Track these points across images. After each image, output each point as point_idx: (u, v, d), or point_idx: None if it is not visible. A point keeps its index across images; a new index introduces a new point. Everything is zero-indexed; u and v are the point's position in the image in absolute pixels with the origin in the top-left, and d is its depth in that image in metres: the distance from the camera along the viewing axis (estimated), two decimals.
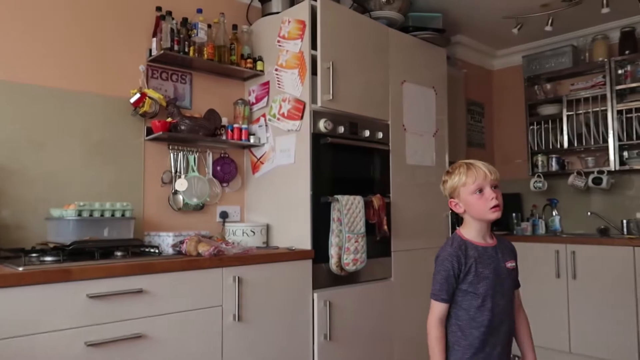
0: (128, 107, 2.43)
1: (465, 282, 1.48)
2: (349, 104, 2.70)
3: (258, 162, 2.83)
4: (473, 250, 1.50)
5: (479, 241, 1.53)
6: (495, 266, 1.50)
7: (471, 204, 1.51)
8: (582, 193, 3.92)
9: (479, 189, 1.49)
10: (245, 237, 2.58)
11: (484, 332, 1.47)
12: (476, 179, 1.49)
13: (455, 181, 1.53)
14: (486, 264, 1.50)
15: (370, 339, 2.68)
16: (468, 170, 1.51)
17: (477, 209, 1.50)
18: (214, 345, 2.06)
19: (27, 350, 1.60)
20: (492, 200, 1.48)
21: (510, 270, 1.55)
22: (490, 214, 1.49)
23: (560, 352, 3.41)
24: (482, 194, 1.49)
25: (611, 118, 3.61)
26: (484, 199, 1.49)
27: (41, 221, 2.15)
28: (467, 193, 1.51)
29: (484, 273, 1.48)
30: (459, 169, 1.53)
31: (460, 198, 1.53)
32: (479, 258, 1.49)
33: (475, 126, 4.33)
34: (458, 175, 1.52)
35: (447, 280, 1.48)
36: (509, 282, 1.54)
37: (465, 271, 1.48)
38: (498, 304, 1.49)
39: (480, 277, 1.47)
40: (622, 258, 3.15)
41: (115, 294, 1.79)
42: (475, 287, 1.47)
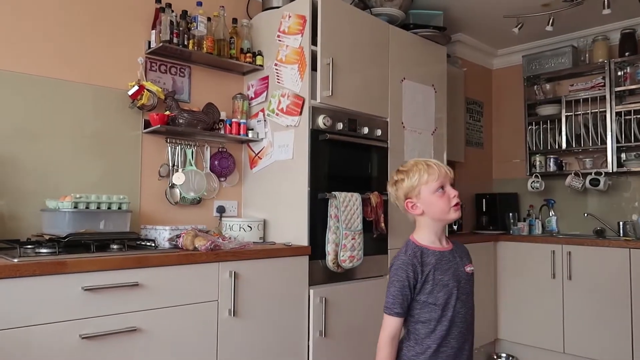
0: (126, 100, 2.42)
1: (424, 292, 1.37)
2: (348, 101, 2.69)
3: (256, 157, 2.82)
4: (430, 256, 1.41)
5: (435, 246, 1.44)
6: (454, 271, 1.41)
7: (432, 203, 1.42)
8: (579, 194, 3.92)
9: (440, 186, 1.42)
10: (242, 232, 2.57)
11: (444, 344, 1.37)
12: (438, 176, 1.42)
13: (415, 180, 1.43)
14: (445, 269, 1.40)
15: (366, 336, 2.68)
16: (428, 167, 1.43)
17: (439, 209, 1.41)
18: (209, 340, 2.06)
19: (21, 341, 1.59)
20: (455, 198, 1.42)
21: (469, 275, 1.45)
22: (452, 213, 1.42)
23: (554, 352, 3.42)
24: (444, 192, 1.42)
25: (610, 120, 3.62)
26: (446, 197, 1.41)
27: (36, 212, 2.14)
28: (428, 192, 1.42)
29: (443, 280, 1.38)
30: (417, 167, 1.44)
31: (420, 198, 1.43)
32: (437, 264, 1.40)
33: (474, 125, 4.33)
34: (418, 173, 1.42)
35: (401, 292, 1.37)
36: (468, 287, 1.44)
37: (423, 280, 1.37)
38: (459, 312, 1.39)
39: (440, 285, 1.37)
40: (618, 259, 3.16)
41: (111, 287, 1.78)
42: (434, 297, 1.37)
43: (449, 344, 1.37)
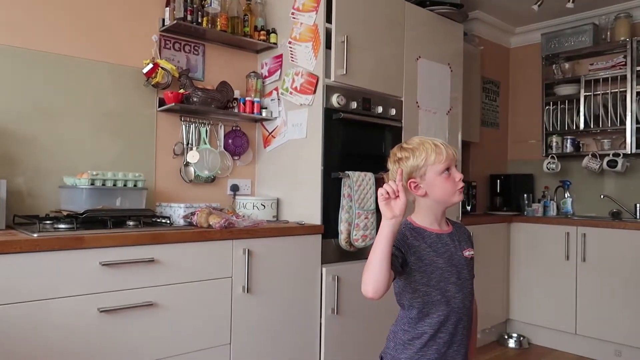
0: (140, 78, 2.43)
1: (419, 270, 1.32)
2: (362, 79, 2.67)
3: (270, 136, 2.82)
4: (426, 237, 1.36)
5: (433, 228, 1.39)
6: (450, 255, 1.36)
7: (436, 185, 1.35)
8: (596, 176, 3.87)
9: (446, 168, 1.35)
10: (255, 210, 2.59)
11: (440, 329, 1.33)
12: (446, 158, 1.35)
13: (422, 159, 1.35)
14: (440, 252, 1.35)
15: (377, 314, 2.71)
16: (436, 147, 1.35)
17: (443, 191, 1.36)
18: (223, 315, 2.09)
19: (41, 315, 1.64)
20: (460, 182, 1.36)
21: (468, 260, 1.40)
22: (456, 196, 1.36)
23: (566, 333, 3.43)
24: (449, 174, 1.36)
25: (630, 100, 3.54)
26: (451, 180, 1.35)
27: (54, 189, 2.17)
28: (434, 173, 1.35)
29: (437, 263, 1.33)
30: (424, 146, 1.36)
31: (424, 179, 1.36)
32: (433, 245, 1.35)
33: (489, 105, 4.27)
34: (425, 152, 1.35)
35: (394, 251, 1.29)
36: (466, 273, 1.38)
37: (417, 256, 1.32)
38: (455, 297, 1.34)
39: (434, 267, 1.33)
40: (634, 242, 3.13)
41: (128, 263, 1.82)
42: (428, 279, 1.32)
43: (446, 329, 1.34)
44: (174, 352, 1.94)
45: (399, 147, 1.42)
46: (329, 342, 2.46)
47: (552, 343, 3.53)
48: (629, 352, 3.16)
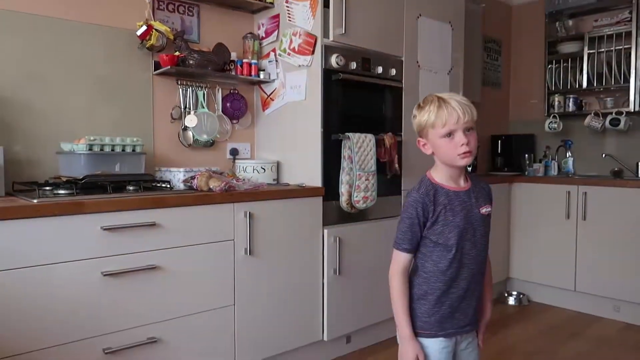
0: (134, 40, 2.37)
1: (434, 232, 1.34)
2: (361, 39, 2.61)
3: (268, 99, 2.78)
4: (443, 196, 1.35)
5: (450, 185, 1.38)
6: (466, 213, 1.35)
7: (439, 147, 1.34)
8: (597, 135, 3.84)
9: (449, 133, 1.31)
10: (255, 174, 2.58)
11: (453, 285, 1.35)
12: (446, 122, 1.30)
13: (424, 120, 1.34)
14: (456, 211, 1.34)
15: (379, 275, 2.74)
16: (439, 109, 1.31)
17: (445, 154, 1.33)
18: (226, 278, 2.11)
19: (45, 279, 1.65)
20: (462, 147, 1.30)
21: (484, 217, 1.39)
22: (459, 160, 1.32)
23: (565, 290, 3.47)
24: (452, 138, 1.31)
25: (635, 56, 3.47)
26: (454, 144, 1.31)
27: (52, 156, 2.16)
28: (435, 136, 1.33)
29: (454, 221, 1.33)
30: (430, 106, 1.33)
31: (429, 139, 1.36)
32: (449, 205, 1.34)
33: (491, 64, 4.20)
34: (427, 113, 1.33)
35: (410, 229, 1.35)
36: (482, 229, 1.38)
37: (433, 219, 1.33)
38: (469, 254, 1.35)
39: (451, 226, 1.33)
40: (634, 200, 3.13)
41: (129, 227, 1.82)
42: (445, 238, 1.33)
43: (459, 285, 1.35)
44: (179, 314, 1.97)
45: (416, 105, 1.41)
46: (331, 302, 2.50)
47: (551, 300, 3.58)
48: (627, 308, 3.21)
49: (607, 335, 3.02)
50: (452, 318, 1.37)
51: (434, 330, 1.36)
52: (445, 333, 1.37)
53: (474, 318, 1.42)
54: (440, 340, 1.37)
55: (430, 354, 1.37)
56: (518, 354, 2.71)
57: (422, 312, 1.37)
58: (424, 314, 1.37)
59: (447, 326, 1.37)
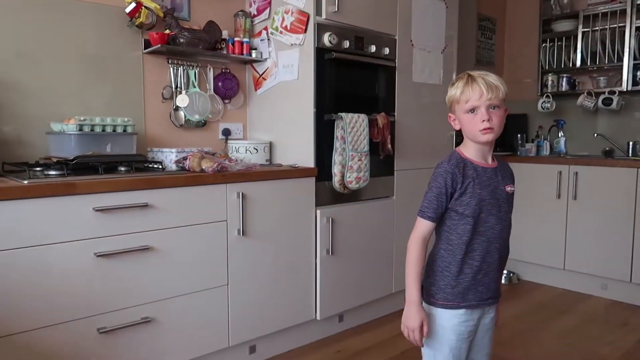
0: (124, 18, 2.33)
1: (461, 203, 1.37)
2: (355, 17, 2.58)
3: (260, 78, 2.75)
4: (472, 169, 1.39)
5: (479, 161, 1.42)
6: (493, 188, 1.40)
7: (463, 122, 1.40)
8: (590, 114, 3.85)
9: (471, 108, 1.36)
10: (248, 154, 2.57)
11: (476, 258, 1.39)
12: (470, 98, 1.35)
13: (452, 95, 1.41)
14: (484, 185, 1.39)
15: (371, 255, 2.76)
16: (465, 86, 1.37)
17: (469, 130, 1.39)
18: (219, 258, 2.12)
19: (38, 260, 1.65)
20: (483, 123, 1.35)
21: (509, 195, 1.44)
22: (480, 135, 1.36)
23: (554, 268, 3.53)
24: (475, 114, 1.36)
25: (629, 35, 3.46)
26: (476, 120, 1.36)
27: (42, 137, 2.13)
28: (460, 111, 1.39)
29: (481, 195, 1.37)
30: (458, 82, 1.40)
31: (456, 114, 1.42)
32: (477, 178, 1.38)
33: (485, 43, 4.17)
34: (455, 89, 1.39)
35: (437, 198, 1.37)
36: (506, 206, 1.43)
37: (461, 191, 1.37)
38: (494, 228, 1.40)
39: (478, 198, 1.37)
40: (625, 179, 3.15)
41: (122, 208, 1.82)
42: (472, 209, 1.37)
43: (483, 258, 1.39)
44: (173, 294, 1.99)
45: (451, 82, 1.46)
46: (324, 282, 2.52)
47: (541, 278, 3.64)
48: (615, 285, 3.27)
49: (594, 312, 3.08)
50: (474, 290, 1.40)
51: (457, 301, 1.40)
52: (468, 304, 1.40)
53: (497, 292, 1.46)
54: (462, 312, 1.40)
55: (448, 327, 1.40)
56: (508, 330, 2.77)
57: (446, 284, 1.40)
58: (447, 285, 1.40)
59: (470, 297, 1.40)
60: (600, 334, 2.74)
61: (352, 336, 2.67)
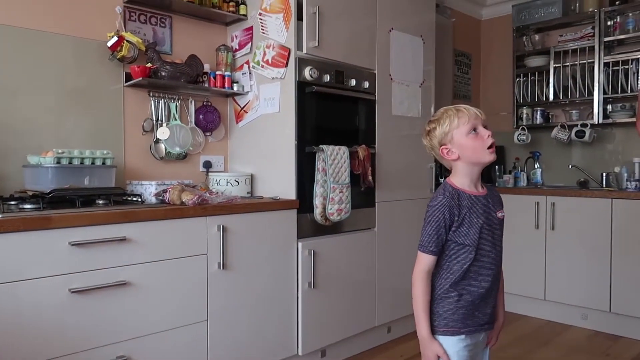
0: (105, 51, 2.33)
1: (459, 234, 1.40)
2: (335, 52, 2.63)
3: (242, 111, 2.77)
4: (466, 199, 1.42)
5: (471, 190, 1.45)
6: (487, 216, 1.44)
7: (467, 146, 1.41)
8: (564, 146, 3.95)
9: (473, 128, 1.40)
10: (229, 186, 2.56)
11: (473, 284, 1.42)
12: (469, 118, 1.40)
13: (446, 126, 1.42)
14: (479, 213, 1.42)
15: (354, 288, 2.74)
16: (458, 112, 1.42)
17: (474, 151, 1.41)
18: (199, 293, 2.08)
19: (10, 296, 1.59)
20: (489, 139, 1.40)
21: (500, 220, 1.50)
22: (487, 155, 1.41)
23: (535, 299, 3.54)
24: (477, 133, 1.41)
25: (598, 70, 3.60)
26: (480, 138, 1.40)
27: (18, 169, 2.09)
28: (461, 135, 1.41)
29: (478, 223, 1.41)
30: (446, 114, 1.44)
31: (454, 142, 1.42)
32: (472, 208, 1.42)
33: (462, 77, 4.29)
34: (448, 119, 1.42)
35: (437, 232, 1.39)
36: (499, 232, 1.49)
37: (459, 222, 1.40)
38: (489, 254, 1.44)
39: (475, 228, 1.41)
40: (600, 210, 3.22)
41: (98, 242, 1.78)
42: (471, 239, 1.40)
43: (480, 284, 1.43)
44: (150, 331, 1.93)
45: (427, 122, 1.50)
46: (306, 315, 2.48)
47: (522, 309, 3.65)
48: (595, 315, 3.29)
49: (576, 343, 3.08)
50: (473, 316, 1.43)
51: (458, 327, 1.41)
52: (467, 330, 1.42)
53: (492, 317, 1.50)
54: (462, 338, 1.42)
55: (452, 354, 1.41)
56: None
57: (446, 310, 1.42)
58: (447, 311, 1.42)
59: (469, 323, 1.42)
60: None
61: None
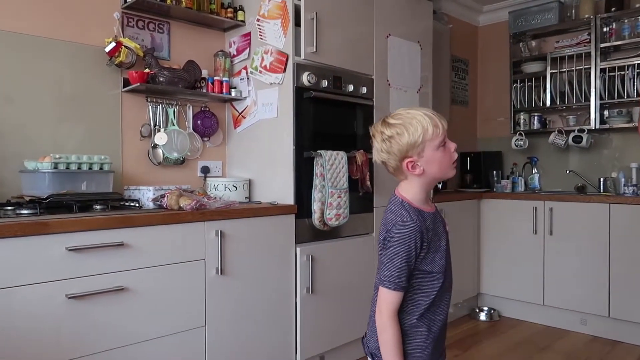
0: (103, 57, 2.34)
1: (426, 260, 1.23)
2: (333, 57, 2.64)
3: (240, 117, 2.77)
4: (428, 219, 1.25)
5: (426, 207, 1.28)
6: (441, 233, 1.28)
7: (435, 160, 1.22)
8: (562, 151, 3.96)
9: (444, 141, 1.23)
10: (227, 192, 2.55)
11: (439, 312, 1.27)
12: (442, 129, 1.22)
13: (419, 135, 1.20)
14: (439, 233, 1.27)
15: (352, 293, 2.73)
16: (432, 120, 1.21)
17: (440, 166, 1.24)
18: (197, 298, 2.07)
19: (6, 303, 1.58)
20: (454, 153, 1.25)
21: (447, 234, 1.32)
22: (452, 170, 1.26)
23: (534, 304, 3.53)
24: (445, 147, 1.24)
25: (594, 76, 3.62)
26: (448, 152, 1.24)
27: (15, 175, 2.08)
28: (432, 149, 1.21)
29: (441, 245, 1.26)
30: (417, 119, 1.21)
31: (422, 156, 1.22)
32: (433, 229, 1.25)
33: (459, 83, 4.31)
34: (421, 126, 1.20)
35: (408, 264, 1.20)
36: (448, 247, 1.31)
37: (427, 248, 1.22)
38: (449, 276, 1.29)
39: (440, 252, 1.25)
40: (598, 215, 3.23)
41: (96, 247, 1.77)
42: (438, 265, 1.24)
43: (444, 310, 1.28)
44: (148, 337, 1.91)
45: (384, 124, 1.25)
46: (304, 321, 2.47)
47: (521, 315, 3.64)
48: (593, 320, 3.28)
49: (574, 349, 3.07)
50: (438, 346, 1.29)
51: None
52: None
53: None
54: None
55: None
56: None
57: (414, 347, 1.25)
58: (417, 349, 1.25)
59: (436, 355, 1.28)
60: None
61: None
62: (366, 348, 1.35)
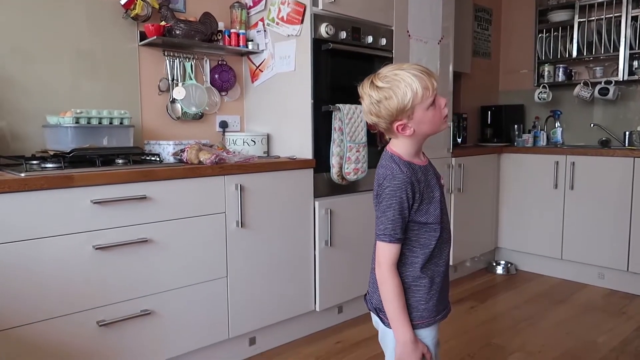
0: (119, 10, 2.31)
1: (421, 212, 1.23)
2: (351, 8, 2.56)
3: (257, 70, 2.74)
4: (420, 172, 1.24)
5: (418, 161, 1.27)
6: (435, 184, 1.27)
7: (426, 121, 1.20)
8: (586, 104, 3.85)
9: (433, 100, 1.19)
10: (245, 146, 2.56)
11: (441, 263, 1.28)
12: (432, 90, 1.18)
13: (408, 99, 1.16)
14: (432, 184, 1.26)
15: (369, 246, 2.75)
16: (421, 81, 1.16)
17: (432, 124, 1.21)
18: (218, 250, 2.12)
19: (36, 253, 1.64)
20: (445, 109, 1.22)
21: (442, 187, 1.32)
22: (444, 124, 1.23)
23: (552, 258, 3.54)
24: (435, 105, 1.20)
25: (625, 25, 3.46)
26: (438, 109, 1.21)
27: (38, 130, 2.12)
28: (422, 110, 1.18)
29: (435, 196, 1.25)
30: (406, 82, 1.16)
31: (413, 118, 1.19)
32: (425, 180, 1.25)
33: (481, 34, 4.16)
34: (410, 89, 1.15)
35: (401, 215, 1.20)
36: (444, 200, 1.30)
37: (420, 199, 1.22)
38: (447, 227, 1.29)
39: (434, 202, 1.24)
40: (622, 169, 3.17)
41: (120, 200, 1.81)
42: (433, 216, 1.23)
43: (444, 261, 1.29)
44: (172, 286, 1.98)
45: (372, 86, 1.20)
46: (323, 273, 2.52)
47: (538, 268, 3.66)
48: (611, 274, 3.29)
49: (591, 301, 3.10)
50: (443, 298, 1.30)
51: (433, 316, 1.26)
52: (441, 316, 1.29)
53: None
54: (434, 326, 1.27)
55: (432, 345, 1.27)
56: (506, 320, 2.78)
57: (417, 300, 1.25)
58: (420, 302, 1.25)
59: (440, 308, 1.29)
60: (597, 323, 2.76)
61: (351, 327, 2.68)
62: (369, 304, 1.36)
